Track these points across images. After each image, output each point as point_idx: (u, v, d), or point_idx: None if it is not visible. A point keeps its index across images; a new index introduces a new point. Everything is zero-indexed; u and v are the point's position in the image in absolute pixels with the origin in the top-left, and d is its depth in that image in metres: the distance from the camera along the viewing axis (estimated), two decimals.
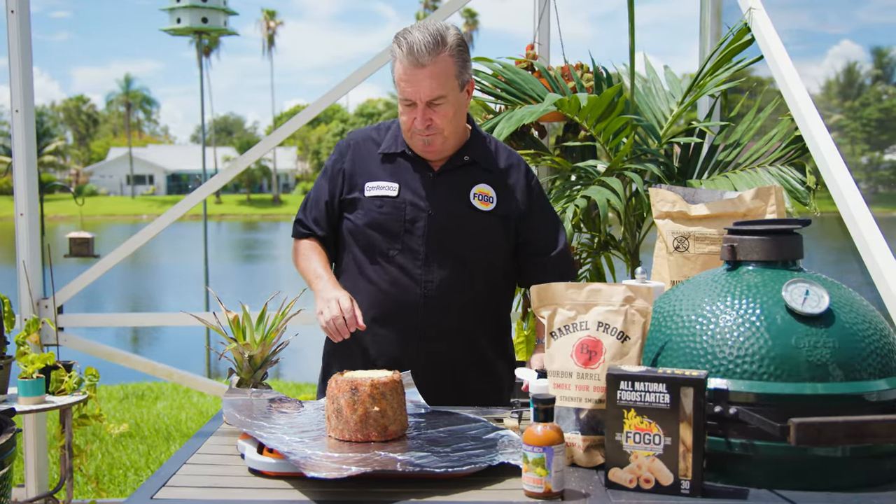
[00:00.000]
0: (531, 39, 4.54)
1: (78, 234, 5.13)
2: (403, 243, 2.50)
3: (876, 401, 1.66)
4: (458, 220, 2.52)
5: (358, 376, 1.94)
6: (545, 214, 2.67)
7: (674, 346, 1.76)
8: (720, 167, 3.89)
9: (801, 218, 1.97)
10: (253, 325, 2.18)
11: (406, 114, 2.46)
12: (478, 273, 2.55)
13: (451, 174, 2.55)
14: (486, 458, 1.76)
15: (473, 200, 2.53)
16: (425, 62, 2.35)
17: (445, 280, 2.49)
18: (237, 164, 4.93)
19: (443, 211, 2.52)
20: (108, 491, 5.03)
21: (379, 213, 2.52)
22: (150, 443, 6.23)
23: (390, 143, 2.60)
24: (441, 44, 2.37)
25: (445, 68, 2.38)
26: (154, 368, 4.72)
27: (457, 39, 2.41)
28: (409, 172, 2.55)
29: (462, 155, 2.57)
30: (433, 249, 2.50)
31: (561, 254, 2.66)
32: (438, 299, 2.49)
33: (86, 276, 4.46)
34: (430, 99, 2.39)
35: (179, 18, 15.12)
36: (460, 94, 2.47)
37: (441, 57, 2.37)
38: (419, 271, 2.49)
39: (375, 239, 2.53)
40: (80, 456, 3.79)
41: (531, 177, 2.66)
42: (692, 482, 1.61)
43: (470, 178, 2.56)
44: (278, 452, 1.76)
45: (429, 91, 2.38)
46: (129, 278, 24.42)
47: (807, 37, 4.48)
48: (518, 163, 2.66)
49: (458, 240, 2.52)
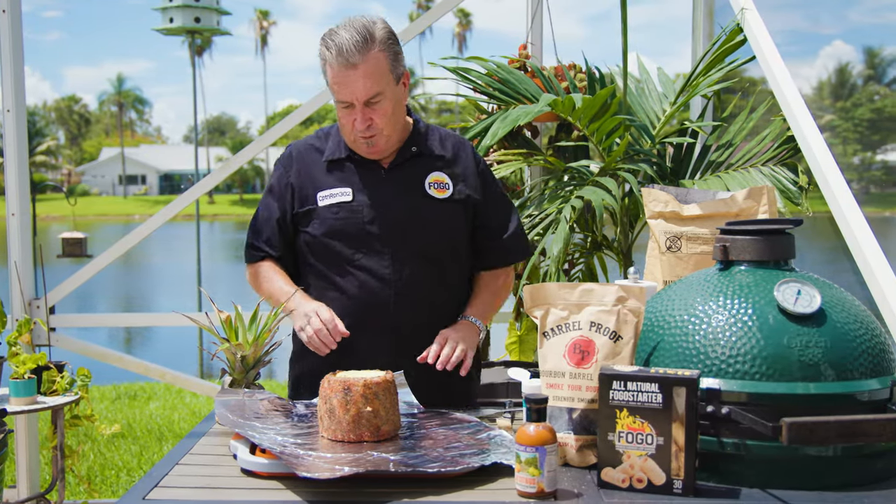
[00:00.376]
0: (524, 39, 4.55)
1: (70, 234, 5.11)
2: (367, 246, 2.45)
3: (867, 400, 1.67)
4: (418, 212, 2.47)
5: (350, 376, 1.94)
6: (496, 197, 2.63)
7: (666, 345, 1.77)
8: (713, 167, 3.90)
9: (793, 218, 1.97)
10: (245, 325, 2.18)
11: (345, 116, 2.40)
12: (445, 262, 2.51)
13: (401, 168, 2.50)
14: (478, 458, 1.76)
15: (429, 190, 2.49)
16: (356, 61, 2.29)
17: (415, 274, 2.45)
18: (230, 164, 4.92)
19: (400, 206, 2.46)
20: (100, 492, 5.01)
21: (336, 220, 2.46)
22: (143, 443, 6.22)
23: (334, 149, 2.53)
24: (370, 40, 2.30)
25: (378, 65, 2.32)
26: (146, 369, 4.71)
27: (385, 33, 2.35)
28: (359, 175, 2.49)
29: (409, 147, 2.52)
30: (398, 247, 2.45)
31: (514, 235, 2.62)
32: (410, 296, 2.44)
33: (78, 277, 4.45)
34: (368, 98, 2.33)
35: (172, 18, 15.08)
36: (397, 88, 2.40)
37: (372, 54, 2.31)
38: (387, 271, 2.44)
39: (337, 247, 2.46)
40: (72, 456, 3.77)
41: (479, 160, 2.62)
42: (684, 482, 1.61)
43: (422, 169, 2.52)
44: (271, 453, 1.76)
45: (364, 90, 2.32)
46: (122, 279, 24.36)
47: (799, 37, 4.49)
48: (465, 148, 2.62)
49: (421, 232, 2.47)
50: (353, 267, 2.46)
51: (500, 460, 1.74)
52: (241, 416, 1.97)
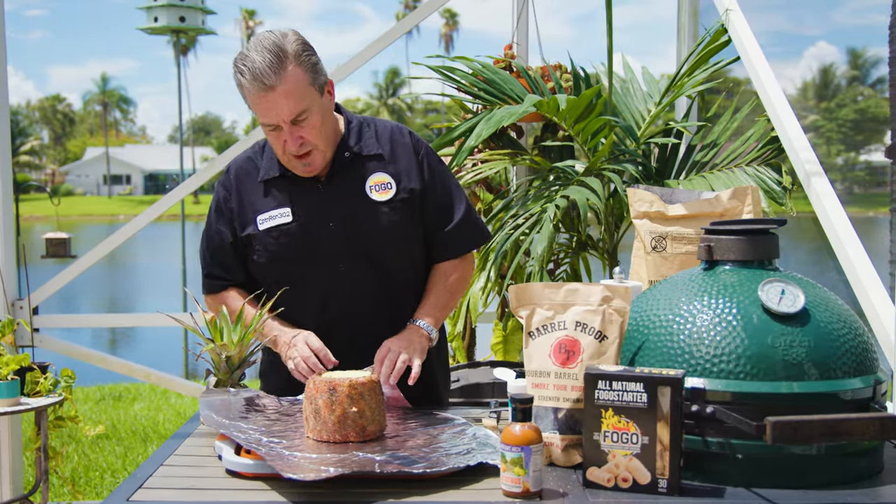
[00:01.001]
0: (510, 40, 4.55)
1: (54, 234, 5.09)
2: (314, 263, 2.35)
3: (851, 399, 1.67)
4: (363, 220, 2.35)
5: (336, 377, 1.94)
6: (439, 183, 2.46)
7: (651, 345, 1.77)
8: (697, 167, 3.91)
9: (777, 218, 1.98)
10: (230, 325, 2.17)
11: (275, 140, 2.27)
12: (400, 267, 2.41)
13: (340, 177, 2.38)
14: (463, 458, 1.76)
15: (371, 194, 2.36)
16: (273, 83, 2.15)
17: (367, 285, 2.36)
18: (215, 164, 4.91)
19: (343, 218, 2.35)
20: (84, 493, 4.99)
21: (278, 245, 2.35)
22: (128, 444, 6.19)
23: (268, 167, 2.40)
24: (283, 58, 2.17)
25: (297, 81, 2.19)
26: (131, 369, 4.69)
27: (297, 46, 2.21)
28: (296, 193, 2.37)
29: (342, 152, 2.38)
30: (348, 260, 2.35)
31: (463, 222, 2.46)
32: (363, 308, 2.35)
33: (62, 277, 4.43)
34: (293, 117, 2.20)
35: (157, 17, 15.02)
36: (322, 99, 2.27)
37: (288, 72, 2.17)
38: (338, 286, 2.35)
39: (284, 269, 2.36)
40: (56, 458, 3.76)
41: (420, 146, 2.46)
42: (669, 481, 1.61)
43: (361, 172, 2.38)
44: (256, 454, 1.76)
45: (288, 110, 2.19)
46: (107, 279, 24.26)
47: (783, 38, 4.51)
48: (404, 136, 2.46)
49: (369, 240, 2.36)
50: (304, 286, 2.35)
51: (485, 460, 1.74)
52: (226, 417, 1.97)
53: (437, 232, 2.45)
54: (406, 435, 1.95)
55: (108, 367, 4.73)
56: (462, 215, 2.47)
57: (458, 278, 2.49)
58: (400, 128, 2.49)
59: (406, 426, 2.03)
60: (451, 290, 2.47)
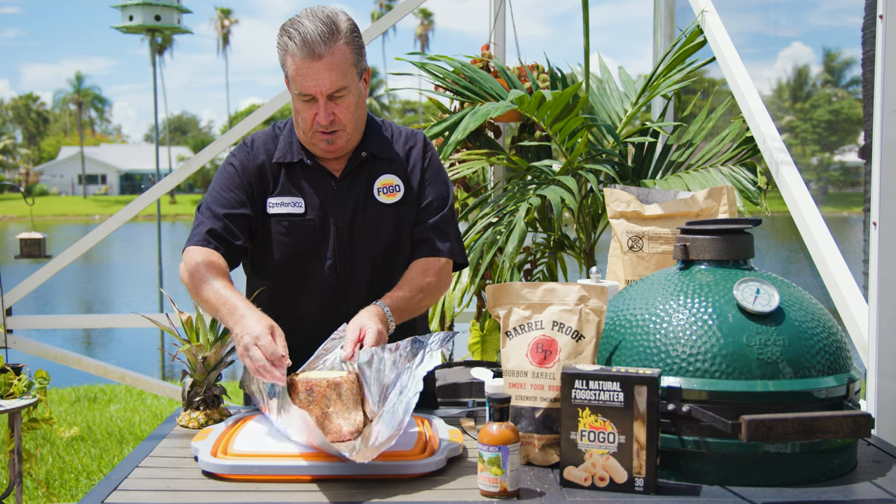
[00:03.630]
0: (487, 40, 4.56)
1: (28, 234, 5.04)
2: (314, 257, 2.35)
3: (825, 397, 1.69)
4: (367, 223, 2.36)
5: (313, 377, 1.93)
6: (426, 186, 2.44)
7: (628, 344, 1.78)
8: (673, 167, 3.93)
9: (752, 218, 2.00)
10: (206, 326, 2.16)
11: (306, 111, 2.25)
12: (396, 265, 2.40)
13: (353, 176, 2.38)
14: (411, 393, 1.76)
15: (379, 196, 2.37)
16: (322, 52, 2.16)
17: (364, 285, 2.36)
18: (191, 164, 4.89)
19: (350, 218, 2.35)
20: (58, 496, 4.94)
21: (286, 234, 2.34)
22: (103, 446, 6.14)
23: (285, 149, 2.37)
24: (336, 31, 2.18)
25: (343, 57, 2.19)
26: (106, 371, 4.66)
27: (349, 25, 2.23)
28: (310, 184, 2.36)
29: (360, 152, 2.38)
30: (346, 260, 2.35)
31: (431, 227, 2.41)
32: (357, 304, 2.27)
33: (36, 278, 4.39)
34: (332, 91, 2.20)
35: (132, 16, 14.90)
36: (359, 84, 2.28)
37: (338, 45, 2.18)
38: (333, 290, 2.34)
39: (287, 262, 2.35)
40: (30, 460, 3.72)
41: (428, 150, 2.47)
42: (646, 479, 1.62)
43: (371, 173, 2.39)
44: (243, 453, 1.75)
45: (330, 83, 2.19)
46: (82, 279, 24.06)
47: (758, 39, 4.55)
48: (416, 140, 2.47)
49: (370, 244, 2.37)
50: (301, 283, 2.35)
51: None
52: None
53: (420, 226, 2.42)
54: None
55: (82, 368, 4.70)
56: (435, 220, 2.43)
57: (430, 285, 2.38)
58: (415, 132, 2.51)
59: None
60: (425, 291, 2.37)
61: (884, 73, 2.19)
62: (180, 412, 2.17)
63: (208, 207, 2.33)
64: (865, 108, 3.75)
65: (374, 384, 1.98)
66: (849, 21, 4.40)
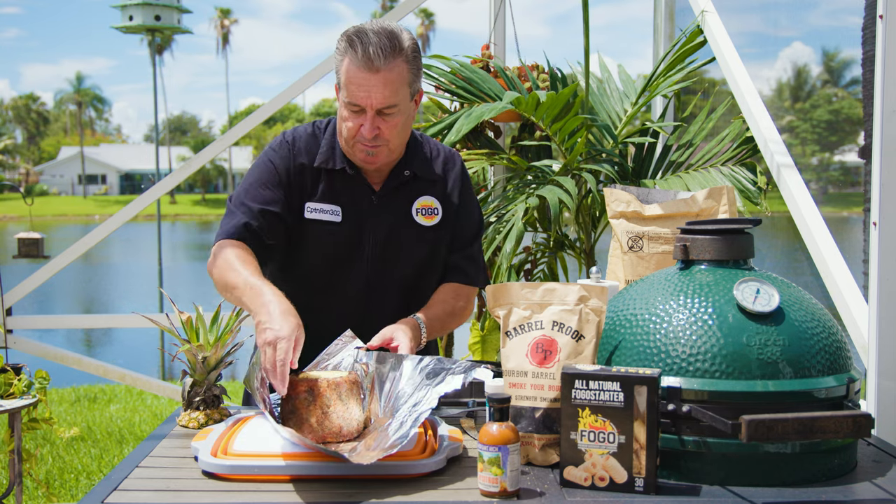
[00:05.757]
0: (487, 40, 4.56)
1: (27, 234, 5.04)
2: (345, 274, 2.33)
3: (825, 397, 1.69)
4: (402, 244, 2.35)
5: (313, 376, 1.93)
6: (462, 211, 2.45)
7: (628, 344, 1.78)
8: (673, 167, 3.93)
9: (753, 218, 2.00)
10: (206, 326, 2.16)
11: (352, 119, 2.22)
12: (425, 287, 2.41)
13: (393, 193, 2.36)
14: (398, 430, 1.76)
15: (417, 217, 2.37)
16: (380, 66, 2.14)
17: (390, 308, 2.34)
18: (191, 164, 4.89)
19: (386, 236, 2.34)
20: (58, 496, 4.94)
21: (323, 242, 2.31)
22: (103, 446, 6.14)
23: (327, 155, 2.34)
24: (398, 48, 2.17)
25: (400, 75, 2.18)
26: (106, 371, 4.66)
27: (412, 44, 2.22)
28: (350, 194, 2.33)
29: (402, 170, 2.36)
30: (377, 278, 2.35)
31: (466, 256, 2.46)
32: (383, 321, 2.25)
33: (36, 278, 4.39)
34: (382, 107, 2.18)
35: (132, 16, 14.92)
36: (410, 104, 2.26)
37: (397, 62, 2.17)
38: (360, 302, 2.34)
39: (317, 270, 2.34)
40: (30, 460, 3.72)
41: (465, 173, 2.49)
42: (646, 480, 1.62)
43: (411, 193, 2.38)
44: (239, 453, 1.75)
45: (382, 98, 2.17)
46: (82, 280, 24.07)
47: (758, 39, 4.55)
48: (454, 163, 2.48)
49: (403, 264, 2.36)
50: (326, 287, 2.33)
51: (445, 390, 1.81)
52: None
53: (457, 254, 2.45)
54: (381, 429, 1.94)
55: (82, 368, 4.70)
56: (469, 250, 2.47)
57: (460, 308, 2.44)
58: (452, 152, 2.50)
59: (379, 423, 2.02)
60: (454, 314, 2.42)
61: (884, 73, 2.19)
62: (180, 412, 2.17)
63: (242, 202, 2.29)
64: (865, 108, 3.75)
65: (388, 384, 2.00)
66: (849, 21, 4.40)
